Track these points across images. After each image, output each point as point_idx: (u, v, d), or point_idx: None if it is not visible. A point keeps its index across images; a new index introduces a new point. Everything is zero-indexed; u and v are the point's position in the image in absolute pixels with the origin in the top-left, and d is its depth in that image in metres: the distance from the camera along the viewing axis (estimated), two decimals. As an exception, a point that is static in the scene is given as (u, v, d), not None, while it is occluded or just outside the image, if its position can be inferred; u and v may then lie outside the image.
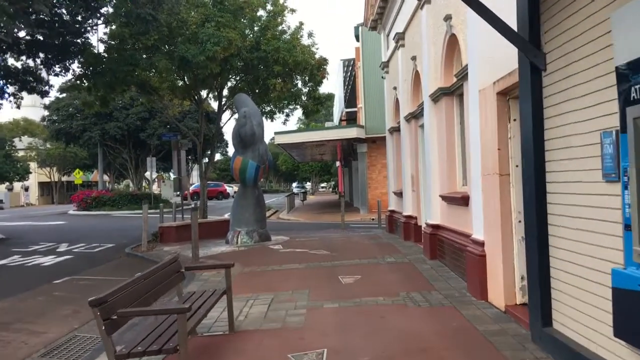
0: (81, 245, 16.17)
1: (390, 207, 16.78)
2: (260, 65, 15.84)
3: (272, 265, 10.78)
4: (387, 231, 16.72)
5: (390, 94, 16.18)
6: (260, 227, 14.93)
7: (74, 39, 16.57)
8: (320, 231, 18.59)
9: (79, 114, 33.24)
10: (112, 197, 32.80)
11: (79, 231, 20.94)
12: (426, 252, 10.61)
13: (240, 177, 14.74)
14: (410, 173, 13.54)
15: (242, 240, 14.57)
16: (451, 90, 9.39)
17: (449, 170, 9.59)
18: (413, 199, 13.32)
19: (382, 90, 26.44)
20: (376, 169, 27.73)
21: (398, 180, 15.92)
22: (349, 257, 11.29)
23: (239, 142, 14.59)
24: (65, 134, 34.11)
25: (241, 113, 14.33)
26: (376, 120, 26.84)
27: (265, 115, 20.10)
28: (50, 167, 64.51)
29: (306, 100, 18.59)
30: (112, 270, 11.89)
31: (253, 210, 14.84)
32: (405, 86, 13.52)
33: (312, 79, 17.16)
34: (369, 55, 26.69)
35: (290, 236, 16.35)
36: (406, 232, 13.56)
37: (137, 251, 14.16)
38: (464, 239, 8.19)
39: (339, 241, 14.53)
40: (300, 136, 27.94)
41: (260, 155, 14.64)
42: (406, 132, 13.67)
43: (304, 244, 14.19)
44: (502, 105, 6.36)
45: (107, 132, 32.97)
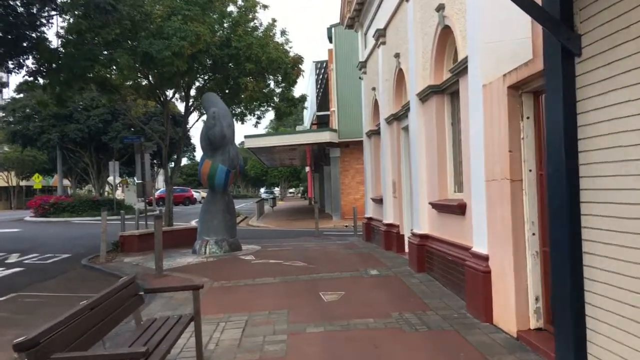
0: (34, 255, 14.86)
1: (368, 214, 15.95)
2: (231, 64, 14.82)
3: (245, 279, 9.80)
4: (364, 239, 15.90)
5: (369, 95, 15.40)
6: (230, 236, 13.91)
7: (28, 32, 15.29)
8: (293, 239, 17.66)
9: (37, 115, 31.44)
10: (71, 203, 31.11)
11: (34, 240, 19.51)
12: (412, 264, 9.79)
13: (209, 183, 13.71)
14: (391, 178, 12.74)
15: (211, 250, 13.53)
16: (442, 88, 8.61)
17: (439, 175, 8.79)
18: (394, 206, 12.51)
19: (356, 93, 25.75)
20: (349, 174, 26.97)
21: (377, 186, 15.12)
22: (329, 269, 10.39)
23: (207, 144, 13.56)
24: (22, 136, 32.15)
25: (210, 113, 13.32)
26: (349, 124, 26.12)
27: (236, 117, 19.07)
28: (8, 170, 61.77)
29: (279, 101, 17.62)
30: (65, 285, 10.73)
31: (222, 217, 13.81)
32: (386, 86, 12.73)
33: (286, 79, 16.20)
34: (343, 57, 25.95)
35: (262, 245, 15.37)
36: (387, 241, 12.73)
37: (94, 262, 12.99)
38: (461, 251, 7.38)
39: (315, 251, 13.63)
40: (272, 140, 26.96)
41: (231, 159, 13.64)
42: (387, 135, 12.87)
43: (278, 253, 13.24)
44: (513, 101, 5.56)
45: (67, 134, 31.22)
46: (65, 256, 14.74)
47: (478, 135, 6.35)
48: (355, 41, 25.16)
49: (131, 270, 11.58)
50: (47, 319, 7.74)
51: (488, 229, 6.14)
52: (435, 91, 8.72)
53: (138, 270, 11.54)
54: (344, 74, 26.01)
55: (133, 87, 16.39)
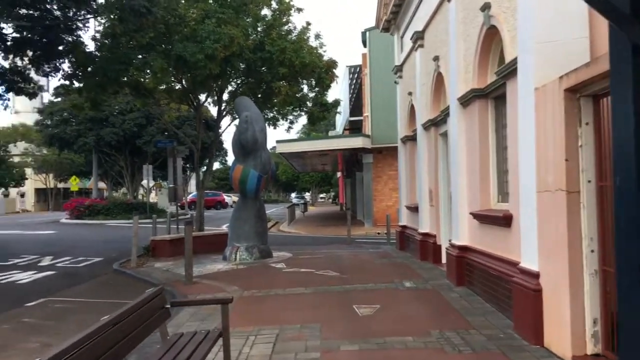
0: (66, 259, 14.86)
1: (402, 222, 15.50)
2: (264, 67, 14.60)
3: (275, 288, 9.49)
4: (397, 248, 15.45)
5: (404, 100, 14.97)
6: (261, 243, 13.65)
7: (65, 36, 15.38)
8: (324, 246, 17.32)
9: (74, 118, 31.94)
10: (106, 206, 31.43)
11: (67, 242, 19.63)
12: (451, 276, 9.33)
13: (240, 188, 13.48)
14: (427, 186, 12.28)
15: (241, 256, 13.28)
16: (486, 92, 8.17)
17: (481, 184, 8.32)
18: (431, 215, 12.05)
19: (390, 98, 25.28)
20: (382, 180, 26.51)
21: (412, 194, 14.67)
22: (362, 279, 10.00)
23: (239, 149, 13.34)
24: (59, 139, 32.71)
25: (242, 117, 13.09)
26: (383, 130, 25.67)
27: (268, 122, 18.85)
28: (46, 173, 63.13)
29: (312, 106, 17.33)
30: (95, 290, 10.60)
31: (254, 223, 13.56)
32: (423, 90, 12.30)
33: (320, 83, 15.89)
34: (377, 61, 25.55)
35: (293, 252, 15.06)
36: (423, 251, 12.28)
37: (126, 267, 12.87)
38: (506, 266, 6.92)
39: (347, 259, 13.25)
40: (304, 145, 26.71)
41: (263, 164, 13.39)
42: (424, 141, 12.43)
43: (309, 262, 12.91)
44: (571, 105, 5.11)
45: (103, 138, 31.61)
46: (97, 260, 14.70)
47: (528, 143, 5.90)
48: (390, 45, 24.75)
49: (161, 276, 11.42)
50: (75, 326, 7.61)
51: (539, 244, 5.68)
52: (478, 95, 8.28)
53: (168, 276, 11.37)
54: (378, 78, 25.61)
55: (166, 90, 16.32)
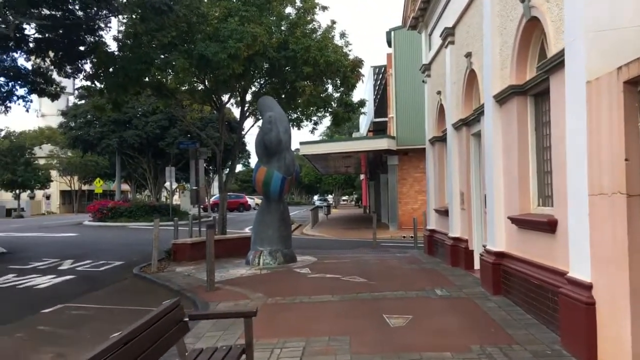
0: (87, 262, 14.65)
1: (430, 225, 14.98)
2: (288, 67, 14.20)
3: (300, 295, 9.08)
4: (425, 253, 14.92)
5: (433, 99, 14.46)
6: (284, 247, 13.25)
7: (86, 36, 15.23)
8: (349, 250, 16.87)
9: (97, 120, 32.00)
10: (129, 208, 31.39)
11: (89, 245, 19.50)
12: (486, 285, 8.80)
13: (263, 190, 13.11)
14: (458, 189, 11.76)
15: (265, 261, 12.90)
16: (525, 88, 7.64)
17: (520, 187, 7.79)
18: (462, 219, 11.52)
19: (415, 100, 24.78)
20: (407, 182, 25.96)
21: (440, 197, 14.14)
22: (391, 287, 9.53)
23: (263, 150, 12.98)
24: (83, 141, 32.78)
25: (266, 118, 12.72)
26: (408, 131, 25.15)
27: (292, 123, 18.46)
28: (71, 175, 63.79)
29: (337, 106, 16.88)
30: (114, 296, 10.31)
31: (277, 227, 13.18)
32: (454, 89, 11.79)
33: (345, 83, 15.42)
34: (402, 61, 25.03)
35: (317, 256, 14.64)
36: (453, 256, 11.75)
37: (146, 272, 12.58)
38: (551, 275, 6.40)
39: (374, 264, 12.78)
40: (327, 147, 26.29)
41: (287, 166, 13.00)
42: (454, 142, 11.91)
43: (335, 267, 12.48)
44: (631, 99, 4.60)
45: (126, 140, 31.58)
46: (118, 263, 14.46)
47: (578, 142, 5.39)
48: (415, 45, 24.22)
49: (182, 281, 11.09)
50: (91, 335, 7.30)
51: (592, 253, 5.16)
52: (517, 92, 7.76)
53: (189, 281, 11.03)
54: (404, 79, 25.09)
55: (188, 91, 16.04)
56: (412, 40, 24.36)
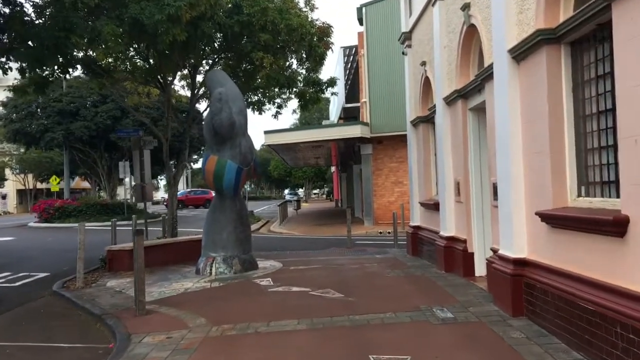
0: (4, 275, 12.10)
1: (414, 221, 12.85)
2: (244, 34, 11.79)
3: (256, 321, 6.82)
4: (409, 253, 12.80)
5: (416, 73, 12.31)
6: (242, 252, 10.96)
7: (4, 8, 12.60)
8: (321, 251, 14.63)
9: (42, 111, 28.96)
10: (78, 207, 28.43)
11: (19, 252, 16.85)
12: (502, 302, 6.67)
13: (215, 184, 10.77)
14: (453, 177, 9.63)
15: (218, 270, 10.60)
16: (558, 33, 5.50)
17: (554, 171, 5.65)
18: (458, 214, 9.40)
19: (390, 81, 22.64)
20: (383, 173, 23.83)
21: (426, 187, 12.02)
22: (376, 306, 7.35)
23: (213, 135, 10.64)
24: (24, 134, 29.61)
25: (215, 95, 10.37)
26: (383, 117, 23.04)
27: (253, 106, 16.11)
28: (25, 173, 60.03)
29: (303, 86, 14.55)
30: (15, 325, 7.87)
31: (233, 228, 10.87)
32: (444, 55, 9.64)
33: (312, 55, 13.02)
34: (375, 40, 22.83)
35: (284, 260, 12.39)
36: (448, 260, 9.61)
37: (69, 287, 10.14)
38: (614, 299, 4.33)
39: (352, 271, 10.59)
40: (295, 135, 23.96)
41: (243, 154, 10.69)
42: (446, 120, 9.78)
43: (303, 275, 10.25)
44: None
45: (73, 132, 28.60)
46: (41, 276, 11.96)
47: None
48: (390, 20, 22.12)
49: (109, 301, 8.72)
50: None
51: None
52: (547, 39, 5.60)
53: (117, 301, 8.66)
54: (377, 60, 22.89)
55: (128, 70, 13.57)
56: (385, 15, 22.27)
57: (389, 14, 22.26)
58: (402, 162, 23.38)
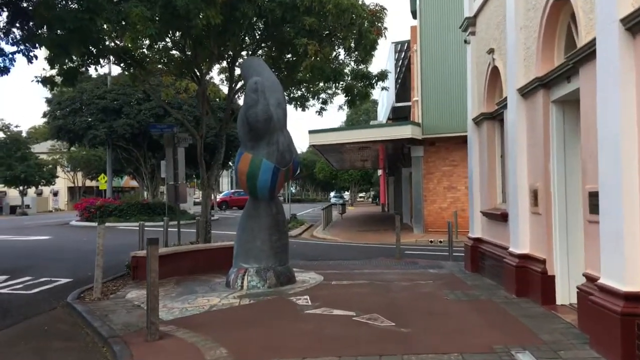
0: (23, 279, 11.19)
1: (474, 233, 11.29)
2: (286, 18, 10.46)
3: (287, 356, 5.50)
4: (467, 269, 11.26)
5: (481, 63, 10.77)
6: (279, 263, 9.68)
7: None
8: (367, 263, 13.23)
9: (85, 108, 28.56)
10: (119, 207, 27.90)
11: (50, 253, 16.13)
12: (608, 349, 5.12)
13: (248, 186, 9.53)
14: (527, 183, 8.07)
15: (250, 283, 9.35)
16: None
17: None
18: (536, 228, 7.84)
19: (445, 79, 20.99)
20: (435, 177, 22.19)
21: (490, 194, 10.46)
22: (436, 341, 5.91)
23: (247, 131, 9.39)
24: (67, 131, 29.24)
25: (250, 85, 9.11)
26: (436, 117, 21.44)
27: (296, 102, 14.83)
28: (75, 171, 60.83)
29: (351, 79, 13.15)
30: (10, 344, 6.79)
31: (268, 236, 9.60)
32: (522, 37, 8.10)
33: (361, 44, 11.53)
34: (430, 34, 21.24)
35: (325, 273, 11.05)
36: (520, 283, 8.04)
37: (83, 300, 9.08)
38: None
39: (402, 290, 9.15)
40: (341, 136, 22.60)
41: (280, 152, 9.41)
42: (520, 115, 8.22)
43: (346, 293, 8.88)
44: None
45: (115, 130, 28.09)
46: (63, 282, 11.00)
47: None
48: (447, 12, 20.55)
49: (123, 319, 7.57)
50: None
51: None
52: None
53: (132, 319, 7.50)
54: (431, 55, 21.29)
55: (162, 60, 12.53)
56: (442, 6, 20.68)
57: (445, 5, 20.66)
58: (456, 166, 21.74)
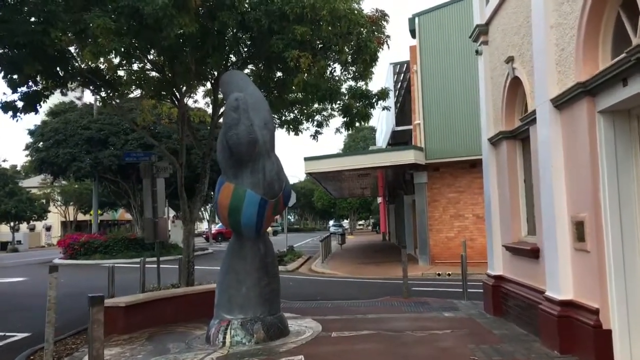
0: (-27, 335, 9.65)
1: (495, 270, 9.78)
2: (274, 29, 9.09)
3: None
4: (488, 312, 9.72)
5: (496, 75, 9.43)
6: (268, 312, 8.13)
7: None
8: (371, 303, 11.70)
9: (68, 140, 27.12)
10: (104, 242, 26.33)
11: (18, 298, 14.61)
12: None
13: (230, 221, 8.04)
14: (567, 214, 6.61)
15: (234, 338, 7.80)
16: None
17: None
18: (582, 269, 6.34)
19: (448, 101, 19.70)
20: (440, 205, 20.73)
21: (513, 225, 8.99)
22: None
23: (228, 157, 7.95)
24: (51, 164, 27.89)
25: (231, 102, 7.70)
26: (440, 141, 20.11)
27: (287, 127, 13.45)
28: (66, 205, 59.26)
29: (349, 98, 11.78)
30: None
31: (256, 281, 8.09)
32: (554, 37, 6.74)
33: (360, 56, 10.17)
34: (431, 53, 20.01)
35: (323, 320, 9.49)
36: (565, 336, 6.50)
37: (31, 364, 7.53)
38: None
39: (417, 345, 7.59)
40: (339, 162, 21.18)
41: (268, 181, 7.95)
42: (555, 130, 6.80)
43: (350, 351, 7.34)
44: None
45: (101, 161, 26.71)
46: (18, 338, 9.50)
47: None
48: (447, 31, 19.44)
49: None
50: None
51: None
52: None
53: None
54: (432, 75, 20.03)
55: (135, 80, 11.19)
56: (442, 25, 19.53)
57: (445, 23, 19.52)
58: (462, 192, 20.34)
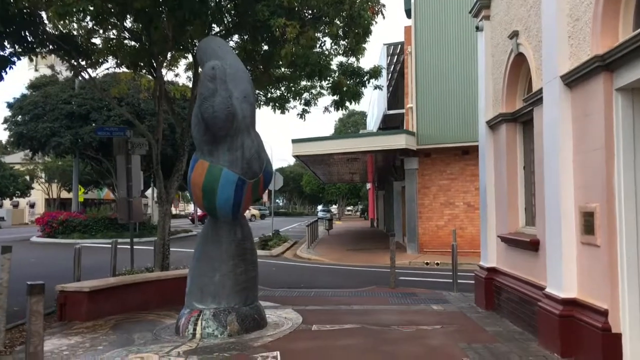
0: None
1: (488, 261, 9.20)
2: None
3: None
4: (480, 305, 9.16)
5: (498, 52, 8.75)
6: (244, 302, 7.48)
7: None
8: (357, 292, 11.11)
9: (48, 114, 26.14)
10: (84, 221, 25.54)
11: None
12: None
13: (205, 202, 7.34)
14: (574, 204, 5.98)
15: (205, 330, 7.14)
16: None
17: None
18: (589, 265, 5.73)
19: (442, 85, 19.05)
20: (430, 192, 20.11)
21: (510, 215, 8.38)
22: None
23: (203, 131, 7.23)
24: (30, 139, 26.86)
25: (207, 70, 6.96)
26: (433, 126, 19.46)
27: (273, 105, 12.71)
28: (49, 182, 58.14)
29: (339, 75, 11.04)
30: None
31: (231, 268, 7.42)
32: (567, 7, 6.06)
33: (351, 30, 9.41)
34: (426, 34, 19.26)
35: (305, 310, 8.88)
36: (567, 338, 5.91)
37: (-20, 352, 6.83)
38: None
39: (403, 342, 6.98)
40: (328, 145, 20.46)
41: (247, 160, 7.25)
42: (565, 110, 6.15)
43: (330, 347, 6.72)
44: None
45: (82, 137, 25.80)
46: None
47: None
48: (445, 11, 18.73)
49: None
50: None
51: None
52: None
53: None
54: (427, 58, 19.31)
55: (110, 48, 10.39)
56: (439, 4, 18.77)
57: (443, 2, 18.77)
58: (453, 180, 19.75)
